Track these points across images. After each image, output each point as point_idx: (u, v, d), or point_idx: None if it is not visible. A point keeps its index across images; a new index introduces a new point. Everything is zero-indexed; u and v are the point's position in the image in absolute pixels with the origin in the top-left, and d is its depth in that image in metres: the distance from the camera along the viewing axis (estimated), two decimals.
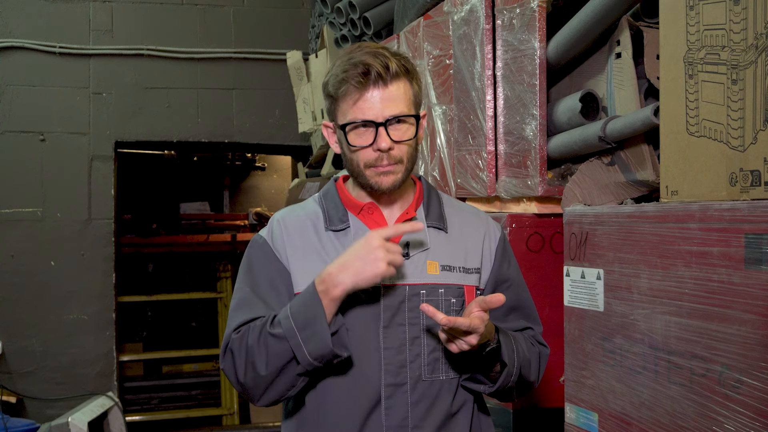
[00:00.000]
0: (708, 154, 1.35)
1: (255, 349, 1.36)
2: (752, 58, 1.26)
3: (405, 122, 1.42)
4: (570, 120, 1.95)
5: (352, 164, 1.45)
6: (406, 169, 1.44)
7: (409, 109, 1.42)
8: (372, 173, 1.42)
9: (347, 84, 1.39)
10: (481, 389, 1.48)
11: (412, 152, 1.45)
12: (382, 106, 1.39)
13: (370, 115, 1.39)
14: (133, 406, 6.04)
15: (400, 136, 1.40)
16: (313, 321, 1.33)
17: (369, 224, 1.48)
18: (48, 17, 4.45)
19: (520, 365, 1.45)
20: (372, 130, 1.39)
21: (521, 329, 1.57)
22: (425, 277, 1.45)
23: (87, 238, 4.49)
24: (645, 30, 1.78)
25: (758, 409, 1.19)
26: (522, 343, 1.49)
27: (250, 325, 1.40)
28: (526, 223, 2.05)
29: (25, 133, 4.43)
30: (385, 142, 1.39)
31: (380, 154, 1.40)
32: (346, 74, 1.39)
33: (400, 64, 1.41)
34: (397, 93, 1.40)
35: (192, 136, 4.67)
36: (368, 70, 1.37)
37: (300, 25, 4.76)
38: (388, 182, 1.42)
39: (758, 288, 1.20)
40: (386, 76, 1.38)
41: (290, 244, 1.47)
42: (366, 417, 1.42)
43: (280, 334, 1.34)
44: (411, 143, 1.43)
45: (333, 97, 1.43)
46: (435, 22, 2.54)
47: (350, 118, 1.40)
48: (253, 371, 1.38)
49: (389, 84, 1.39)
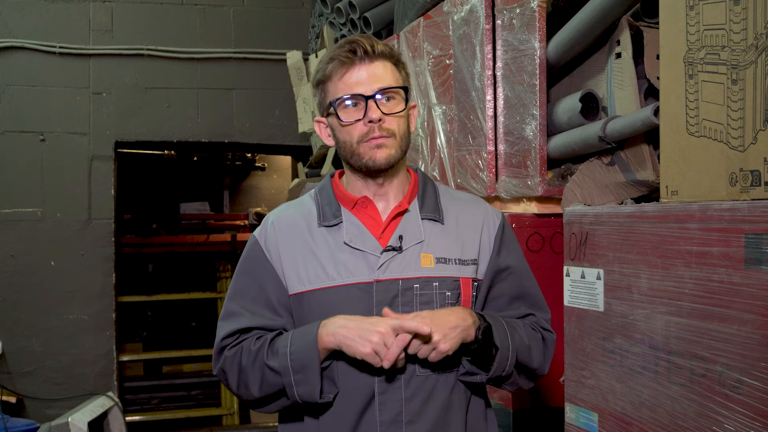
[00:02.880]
0: (708, 154, 1.35)
1: (249, 371, 1.42)
2: (752, 58, 1.26)
3: (393, 97, 1.44)
4: (570, 120, 1.95)
5: (345, 145, 1.46)
6: (400, 146, 1.45)
7: (397, 84, 1.44)
8: (366, 148, 1.43)
9: (334, 61, 1.43)
10: (477, 379, 1.47)
11: (405, 129, 1.47)
12: (370, 80, 1.42)
13: (358, 89, 1.42)
14: (133, 406, 6.03)
15: (389, 109, 1.43)
16: (308, 367, 1.37)
17: (362, 218, 1.48)
18: (48, 17, 4.44)
19: (516, 350, 1.44)
20: (362, 105, 1.42)
21: (522, 316, 1.55)
22: (419, 271, 1.44)
23: (87, 238, 4.49)
24: (645, 30, 1.78)
25: (758, 409, 1.19)
26: (520, 329, 1.48)
27: (243, 346, 1.44)
28: (526, 223, 2.05)
29: (25, 133, 4.43)
30: (376, 113, 1.41)
31: (371, 125, 1.41)
32: (333, 54, 1.44)
33: (386, 48, 1.45)
34: (383, 69, 1.44)
35: (192, 136, 4.67)
36: (354, 48, 1.42)
37: (300, 25, 4.76)
38: (383, 156, 1.43)
39: (758, 288, 1.19)
40: (372, 53, 1.42)
41: (283, 244, 1.48)
42: (361, 413, 1.42)
43: (275, 368, 1.39)
44: (402, 116, 1.45)
45: (322, 81, 1.47)
46: (435, 22, 2.54)
47: (339, 93, 1.43)
48: (246, 390, 1.44)
49: (375, 61, 1.43)
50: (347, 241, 1.45)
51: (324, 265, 1.44)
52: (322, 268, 1.44)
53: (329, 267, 1.44)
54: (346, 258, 1.44)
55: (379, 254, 1.43)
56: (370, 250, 1.44)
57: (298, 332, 1.41)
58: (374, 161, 1.43)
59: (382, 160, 1.43)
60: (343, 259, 1.44)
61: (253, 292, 1.48)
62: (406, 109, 1.45)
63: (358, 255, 1.44)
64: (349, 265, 1.43)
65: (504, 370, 1.44)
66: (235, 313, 1.48)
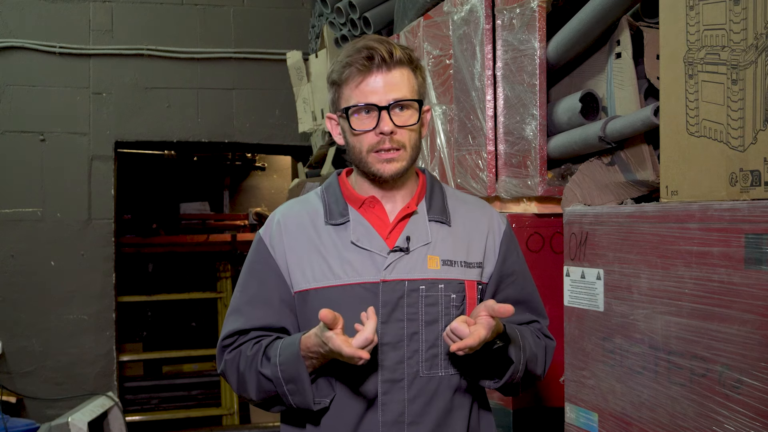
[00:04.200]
0: (708, 154, 1.35)
1: (246, 376, 1.44)
2: (752, 58, 1.26)
3: (408, 108, 1.42)
4: (570, 120, 1.95)
5: (354, 151, 1.45)
6: (410, 156, 1.44)
7: (412, 95, 1.43)
8: (374, 159, 1.42)
9: (351, 68, 1.41)
10: (487, 385, 1.47)
11: (416, 140, 1.45)
12: (385, 90, 1.40)
13: (373, 98, 1.40)
14: (133, 406, 6.03)
15: (403, 121, 1.41)
16: (297, 379, 1.38)
17: (369, 218, 1.48)
18: (48, 17, 4.44)
19: (526, 360, 1.45)
20: (375, 114, 1.40)
21: (527, 322, 1.56)
22: (425, 272, 1.44)
23: (87, 238, 4.49)
24: (645, 30, 1.78)
25: (758, 409, 1.19)
26: (529, 338, 1.49)
27: (242, 350, 1.46)
28: (526, 223, 2.05)
29: (25, 133, 4.43)
30: (388, 126, 1.39)
31: (382, 137, 1.40)
32: (350, 58, 1.41)
33: (405, 53, 1.43)
34: (400, 78, 1.41)
35: (192, 136, 4.67)
36: (372, 54, 1.39)
37: (300, 25, 4.76)
38: (391, 170, 1.43)
39: (758, 288, 1.19)
40: (390, 61, 1.40)
41: (288, 242, 1.48)
42: (363, 413, 1.42)
43: (268, 376, 1.40)
44: (414, 129, 1.43)
45: (337, 84, 1.45)
46: (435, 22, 2.54)
47: (353, 101, 1.41)
48: (246, 393, 1.47)
49: (392, 69, 1.41)
50: (354, 240, 1.44)
51: (330, 263, 1.44)
52: (328, 267, 1.44)
53: (335, 265, 1.44)
54: (352, 257, 1.44)
55: (386, 255, 1.43)
56: (377, 251, 1.44)
57: (287, 342, 1.41)
58: (382, 174, 1.43)
59: (391, 173, 1.43)
60: (349, 258, 1.44)
61: (254, 291, 1.48)
62: (419, 121, 1.44)
63: (364, 255, 1.44)
64: (355, 265, 1.43)
65: (515, 379, 1.46)
66: (236, 311, 1.49)
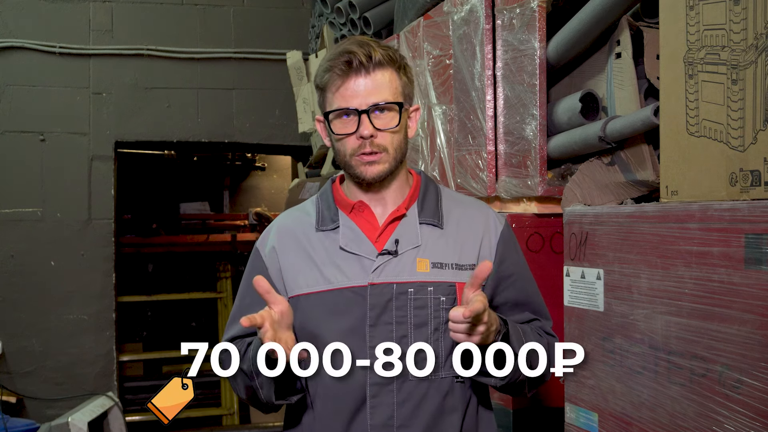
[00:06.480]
0: (708, 154, 1.35)
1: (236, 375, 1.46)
2: (752, 58, 1.26)
3: (389, 110, 1.42)
4: (570, 120, 1.95)
5: (339, 155, 1.46)
6: (393, 159, 1.44)
7: (394, 97, 1.42)
8: (357, 162, 1.43)
9: (331, 72, 1.41)
10: (491, 382, 1.45)
11: (399, 142, 1.45)
12: (365, 94, 1.40)
13: (353, 102, 1.40)
14: (133, 406, 6.02)
15: (383, 125, 1.41)
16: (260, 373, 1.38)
17: (359, 223, 1.48)
18: (48, 17, 4.44)
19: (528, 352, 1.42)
20: (355, 118, 1.41)
21: (528, 321, 1.54)
22: (414, 275, 1.44)
23: (87, 238, 4.49)
24: (645, 30, 1.78)
25: (758, 409, 1.19)
26: (530, 335, 1.47)
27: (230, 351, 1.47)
28: (526, 223, 2.05)
29: (25, 133, 4.43)
30: (368, 130, 1.39)
31: (363, 141, 1.41)
32: (330, 63, 1.41)
33: (386, 54, 1.42)
34: (381, 81, 1.41)
35: (192, 136, 4.67)
36: (351, 59, 1.39)
37: (300, 25, 4.76)
38: (373, 173, 1.43)
39: (758, 288, 1.20)
40: (369, 64, 1.40)
41: (282, 251, 1.50)
42: (352, 416, 1.42)
43: (245, 371, 1.42)
44: (396, 131, 1.43)
45: (320, 88, 1.46)
46: (435, 22, 2.54)
47: (334, 106, 1.42)
48: (238, 392, 1.50)
49: (372, 72, 1.40)
50: (343, 245, 1.45)
51: (321, 268, 1.45)
52: (319, 272, 1.45)
53: (326, 270, 1.45)
54: (341, 262, 1.45)
55: (374, 258, 1.43)
56: (366, 254, 1.44)
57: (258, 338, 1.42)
58: (364, 176, 1.44)
59: (373, 175, 1.43)
60: (339, 263, 1.45)
61: (249, 301, 1.50)
62: (400, 123, 1.44)
63: (353, 259, 1.44)
64: (344, 269, 1.44)
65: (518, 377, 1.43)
66: (233, 320, 1.53)
